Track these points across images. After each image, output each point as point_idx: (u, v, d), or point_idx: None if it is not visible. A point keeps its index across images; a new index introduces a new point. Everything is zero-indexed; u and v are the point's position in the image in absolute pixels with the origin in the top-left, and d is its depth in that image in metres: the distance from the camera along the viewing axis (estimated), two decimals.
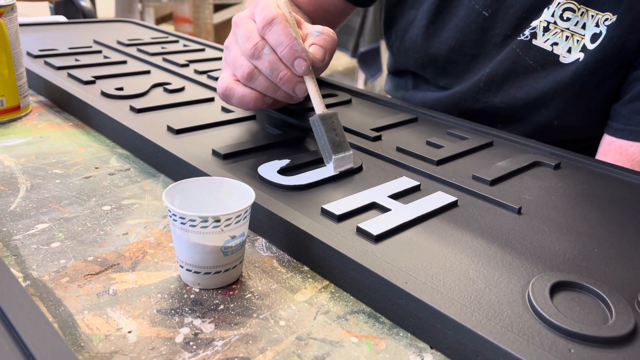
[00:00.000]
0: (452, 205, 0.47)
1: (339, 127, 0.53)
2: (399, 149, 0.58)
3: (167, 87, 0.75)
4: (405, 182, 0.50)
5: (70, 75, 0.78)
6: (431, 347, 0.35)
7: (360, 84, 3.17)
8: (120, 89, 0.72)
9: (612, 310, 0.34)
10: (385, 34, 0.89)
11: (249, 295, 0.38)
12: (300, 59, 0.52)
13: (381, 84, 3.05)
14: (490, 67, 0.74)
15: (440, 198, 0.48)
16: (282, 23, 0.52)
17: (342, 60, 3.97)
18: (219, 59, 0.93)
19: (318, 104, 0.53)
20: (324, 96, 0.76)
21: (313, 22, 0.84)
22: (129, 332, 0.34)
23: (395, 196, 0.48)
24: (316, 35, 0.56)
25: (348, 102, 0.75)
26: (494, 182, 0.52)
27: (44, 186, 0.52)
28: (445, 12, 0.77)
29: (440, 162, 0.56)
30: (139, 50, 0.95)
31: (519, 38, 0.71)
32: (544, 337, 0.32)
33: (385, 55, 3.01)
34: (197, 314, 0.36)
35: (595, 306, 0.35)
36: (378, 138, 0.61)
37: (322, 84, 0.83)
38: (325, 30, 0.57)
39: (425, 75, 0.83)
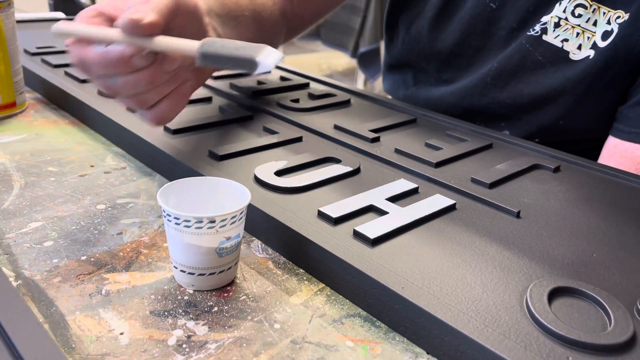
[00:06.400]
0: (451, 208, 0.47)
1: (222, 50, 0.42)
2: (397, 151, 0.58)
3: None
4: (403, 184, 0.50)
5: (67, 74, 0.77)
6: (427, 353, 0.34)
7: (360, 85, 3.17)
8: None
9: (611, 317, 0.34)
10: (387, 25, 0.88)
11: (243, 297, 0.38)
12: (131, 58, 0.43)
13: (381, 84, 3.05)
14: (499, 62, 0.73)
15: (438, 201, 0.47)
16: (86, 54, 0.44)
17: (341, 61, 3.96)
18: None
19: (190, 50, 0.43)
20: (324, 96, 0.76)
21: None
22: (121, 333, 0.34)
23: (393, 199, 0.47)
24: (127, 12, 0.44)
25: (347, 102, 0.75)
26: (493, 185, 0.52)
27: (39, 184, 0.51)
28: (452, 4, 0.76)
29: (438, 165, 0.55)
30: None
31: (528, 33, 0.71)
32: (542, 344, 0.32)
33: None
34: (191, 316, 0.36)
35: (594, 313, 0.35)
36: (376, 139, 0.61)
37: (321, 84, 0.82)
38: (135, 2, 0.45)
39: (428, 68, 0.82)
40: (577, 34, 0.67)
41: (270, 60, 0.41)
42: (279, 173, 0.50)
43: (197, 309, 0.36)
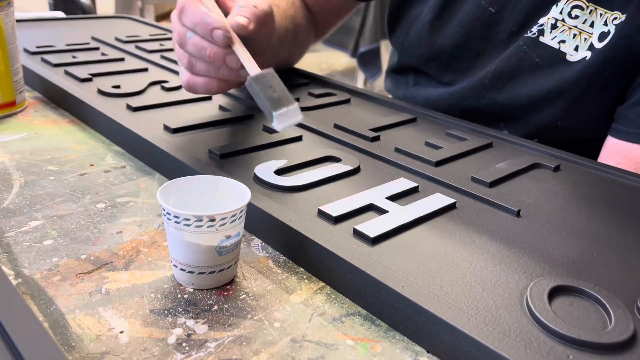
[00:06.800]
0: (451, 207, 0.47)
1: (277, 83, 0.50)
2: (397, 150, 0.58)
3: (165, 85, 0.74)
4: (403, 183, 0.50)
5: (67, 73, 0.77)
6: (427, 352, 0.34)
7: (359, 84, 3.17)
8: (117, 86, 0.72)
9: (611, 316, 0.34)
10: (389, 30, 0.89)
11: (243, 296, 0.38)
12: (215, 29, 0.51)
13: (381, 84, 3.05)
14: (497, 64, 0.74)
15: (438, 200, 0.47)
16: (192, 5, 0.53)
17: (341, 60, 3.96)
18: None
19: (250, 67, 0.52)
20: (324, 95, 0.76)
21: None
22: (121, 332, 0.34)
23: (393, 198, 0.47)
24: (238, 9, 0.56)
25: (347, 101, 0.75)
26: (493, 184, 0.52)
27: (38, 183, 0.51)
28: (450, 8, 0.76)
29: (438, 164, 0.55)
30: (137, 47, 0.95)
31: (526, 35, 0.71)
32: (542, 343, 0.32)
33: (385, 56, 3.00)
34: (191, 315, 0.36)
35: (594, 311, 0.35)
36: (376, 138, 0.61)
37: (320, 83, 0.82)
38: (247, 4, 0.56)
39: (429, 71, 0.83)
40: (574, 35, 0.67)
41: (282, 122, 0.48)
42: (279, 172, 0.50)
43: (197, 308, 0.36)
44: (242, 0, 0.57)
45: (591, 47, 0.67)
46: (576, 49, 0.68)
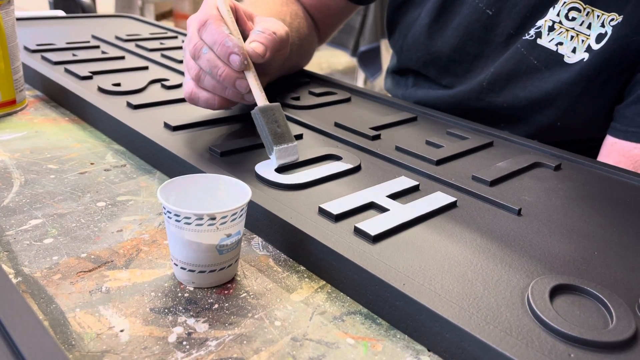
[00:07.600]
0: (452, 205, 0.47)
1: (282, 118, 0.52)
2: (398, 148, 0.58)
3: (165, 83, 0.74)
4: (404, 181, 0.50)
5: (67, 71, 0.77)
6: (428, 350, 0.34)
7: (360, 83, 3.16)
8: (118, 84, 0.72)
9: (613, 314, 0.34)
10: (388, 33, 0.89)
11: (244, 294, 0.38)
12: (233, 54, 0.52)
13: (381, 83, 3.05)
14: (495, 67, 0.74)
15: (439, 198, 0.47)
16: (215, 23, 0.53)
17: (342, 60, 3.96)
18: None
19: (259, 98, 0.53)
20: (324, 94, 0.76)
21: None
22: (121, 330, 0.34)
23: (394, 196, 0.47)
24: (257, 34, 0.57)
25: (347, 100, 0.75)
26: (494, 182, 0.51)
27: (38, 181, 0.51)
28: (448, 11, 0.76)
29: (439, 162, 0.55)
30: (137, 45, 0.94)
31: (523, 37, 0.71)
32: (543, 341, 0.31)
33: (385, 55, 3.00)
34: (191, 313, 0.35)
35: (596, 310, 0.35)
36: (377, 137, 0.61)
37: (321, 82, 0.82)
38: (266, 29, 0.57)
39: (428, 74, 0.83)
40: (572, 37, 0.68)
41: (280, 157, 0.51)
42: (280, 170, 0.50)
43: (198, 306, 0.36)
44: (261, 23, 0.59)
45: (589, 49, 0.67)
46: (574, 50, 0.68)
